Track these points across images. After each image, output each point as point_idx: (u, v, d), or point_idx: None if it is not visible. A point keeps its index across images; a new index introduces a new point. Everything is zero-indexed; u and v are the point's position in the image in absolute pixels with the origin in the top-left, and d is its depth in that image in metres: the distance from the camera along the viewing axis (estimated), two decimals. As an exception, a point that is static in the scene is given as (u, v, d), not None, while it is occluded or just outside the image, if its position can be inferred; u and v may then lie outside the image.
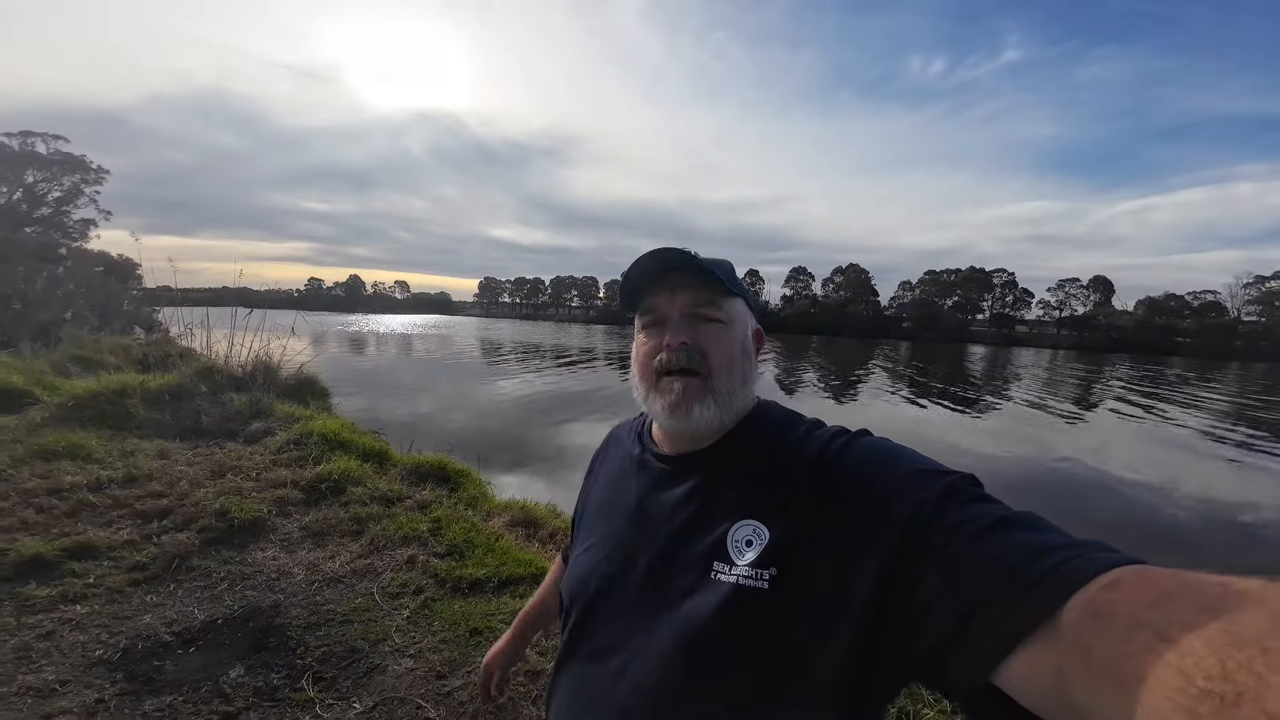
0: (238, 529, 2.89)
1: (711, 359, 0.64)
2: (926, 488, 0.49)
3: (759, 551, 0.54)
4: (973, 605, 0.40)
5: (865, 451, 0.57)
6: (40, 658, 1.85)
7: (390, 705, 1.82)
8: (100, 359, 6.83)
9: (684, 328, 0.65)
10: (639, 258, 0.66)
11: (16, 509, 2.82)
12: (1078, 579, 0.35)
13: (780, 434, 0.63)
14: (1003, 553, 0.41)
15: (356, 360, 18.55)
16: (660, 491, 0.66)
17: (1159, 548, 5.19)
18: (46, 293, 9.74)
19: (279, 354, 6.62)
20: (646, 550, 0.63)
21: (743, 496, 0.59)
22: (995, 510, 0.46)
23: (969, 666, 0.39)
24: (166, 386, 5.12)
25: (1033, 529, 0.43)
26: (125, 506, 3.00)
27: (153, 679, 1.81)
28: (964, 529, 0.44)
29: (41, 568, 2.34)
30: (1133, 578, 0.34)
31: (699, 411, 0.62)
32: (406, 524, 3.11)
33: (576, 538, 0.79)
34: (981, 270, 76.77)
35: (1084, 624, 0.33)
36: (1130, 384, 22.29)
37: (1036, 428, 11.38)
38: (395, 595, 2.47)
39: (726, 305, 0.67)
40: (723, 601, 0.54)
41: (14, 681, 1.72)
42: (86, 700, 1.69)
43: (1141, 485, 7.23)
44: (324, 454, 4.06)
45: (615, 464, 0.77)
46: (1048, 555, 0.38)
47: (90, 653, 1.90)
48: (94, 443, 3.83)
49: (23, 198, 28.84)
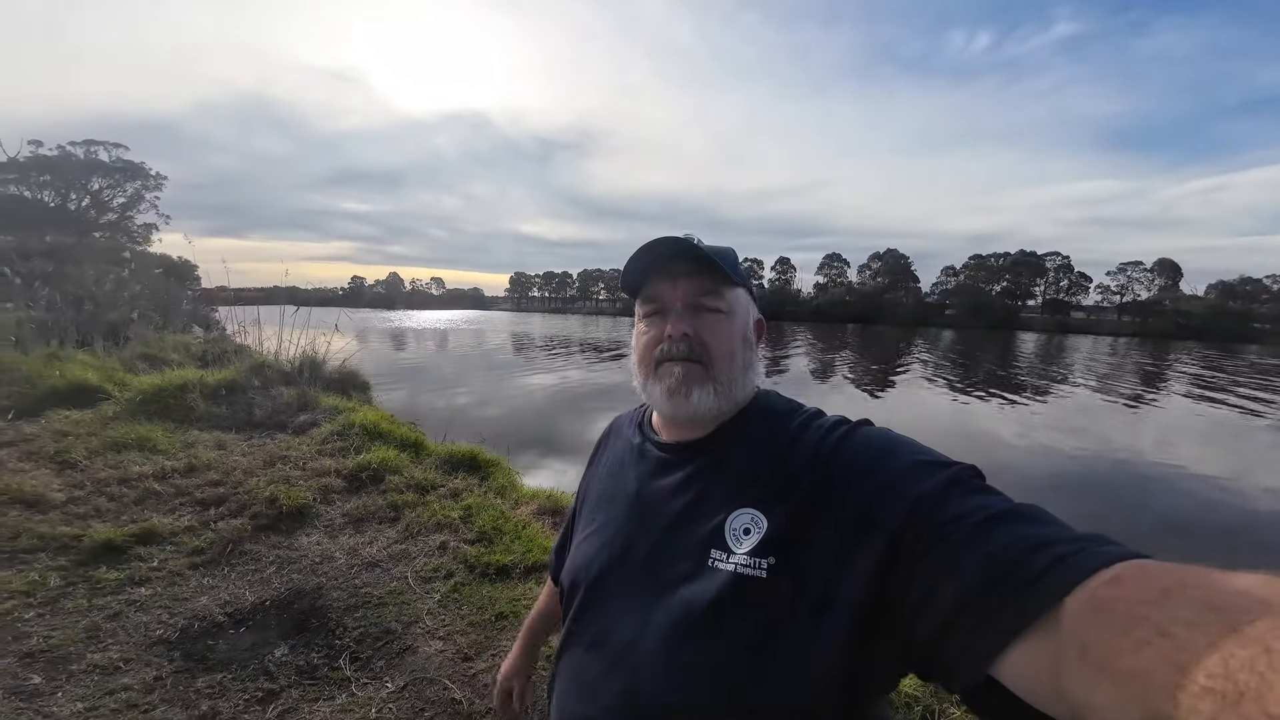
0: (286, 515, 3.07)
1: (713, 349, 0.64)
2: (927, 479, 0.49)
3: (758, 540, 0.54)
4: (972, 598, 0.39)
5: (865, 441, 0.57)
6: (107, 637, 2.01)
7: (419, 685, 1.91)
8: (164, 356, 7.33)
9: (685, 317, 0.65)
10: (641, 246, 0.66)
11: (91, 497, 3.08)
12: (1079, 573, 0.35)
13: (780, 423, 0.63)
14: (1004, 546, 0.40)
15: (396, 355, 19.22)
16: (659, 479, 0.67)
17: (1231, 548, 4.83)
18: (115, 294, 10.52)
19: (324, 349, 6.94)
20: (645, 538, 0.64)
21: (741, 485, 0.59)
22: (997, 502, 0.46)
23: (967, 660, 0.39)
24: (223, 381, 5.46)
25: (1035, 522, 0.42)
26: (186, 495, 3.23)
27: (206, 657, 1.96)
28: (965, 521, 0.44)
29: (112, 552, 2.55)
30: (1134, 572, 0.33)
31: (699, 397, 0.63)
32: (439, 511, 3.23)
33: (576, 526, 0.80)
34: (1033, 254, 72.61)
35: (1083, 619, 0.33)
36: (1202, 373, 20.70)
37: (1096, 419, 10.72)
38: (427, 579, 2.58)
39: (728, 295, 0.67)
40: (720, 589, 0.54)
41: (83, 660, 1.88)
42: (146, 678, 1.82)
43: (1213, 481, 6.72)
44: (365, 444, 4.25)
45: (616, 453, 0.78)
46: (1049, 549, 0.38)
47: (152, 632, 2.06)
48: (159, 435, 4.13)
49: (90, 204, 31.09)
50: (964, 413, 11.16)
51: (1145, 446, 8.37)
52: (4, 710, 1.64)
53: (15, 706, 1.66)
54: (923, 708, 1.82)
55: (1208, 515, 5.69)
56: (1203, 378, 18.90)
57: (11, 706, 1.66)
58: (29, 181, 29.19)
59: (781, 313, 74.66)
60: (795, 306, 79.37)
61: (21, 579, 2.28)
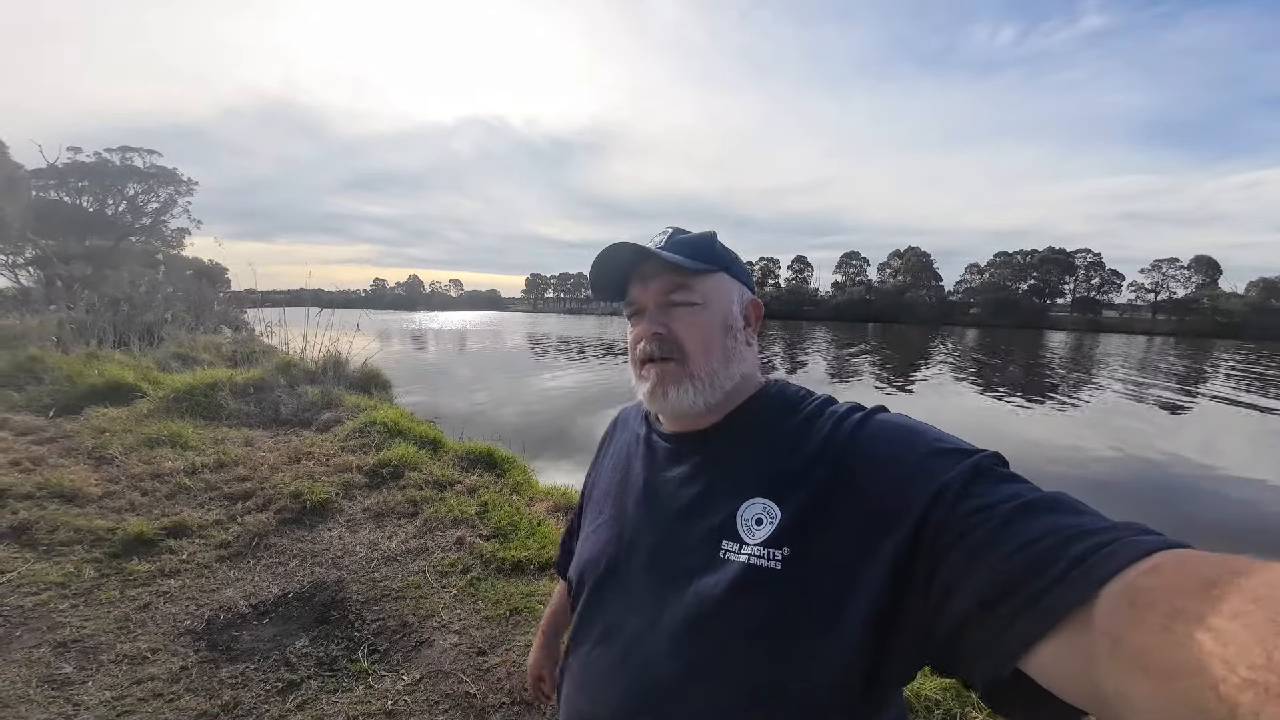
0: (309, 510, 3.15)
1: (686, 344, 0.64)
2: (949, 467, 0.47)
3: (771, 530, 0.53)
4: (1002, 592, 0.38)
5: (882, 428, 0.55)
6: (137, 628, 2.09)
7: (434, 678, 1.94)
8: (196, 356, 7.59)
9: (657, 317, 0.65)
10: (601, 252, 0.66)
11: (125, 492, 3.20)
12: (1114, 565, 0.34)
13: (791, 411, 0.62)
14: (1034, 537, 0.39)
15: (416, 356, 19.52)
16: (666, 471, 0.66)
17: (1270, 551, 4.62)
18: (149, 296, 10.93)
19: (347, 349, 7.10)
20: (654, 530, 0.63)
21: (752, 474, 0.58)
22: (1025, 490, 0.44)
23: (994, 654, 0.38)
24: (251, 380, 5.63)
25: (1066, 511, 0.41)
26: (215, 489, 3.34)
27: (230, 648, 2.02)
28: (992, 511, 0.42)
29: (144, 545, 2.65)
30: (1173, 563, 0.32)
31: (675, 396, 0.63)
32: (457, 507, 3.28)
33: (584, 519, 0.80)
34: (1062, 251, 70.29)
35: (1119, 612, 0.32)
36: (1246, 373, 19.84)
37: (1133, 421, 10.29)
38: (444, 574, 2.61)
39: (700, 285, 0.65)
40: (733, 581, 0.53)
41: (113, 649, 1.95)
42: (172, 668, 1.89)
43: (1261, 484, 6.43)
44: (385, 441, 4.34)
45: (622, 446, 0.78)
46: (1083, 539, 0.37)
47: (179, 623, 2.13)
48: (190, 431, 4.27)
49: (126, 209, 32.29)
50: (999, 415, 10.87)
51: (1185, 450, 8.01)
52: (37, 698, 1.71)
53: (48, 695, 1.73)
54: (943, 711, 1.77)
55: (1253, 516, 5.46)
56: (1244, 379, 18.10)
57: (44, 695, 1.73)
58: (68, 187, 30.45)
59: (799, 312, 73.85)
60: (813, 306, 78.48)
61: (58, 571, 2.38)
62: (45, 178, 28.74)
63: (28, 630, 2.03)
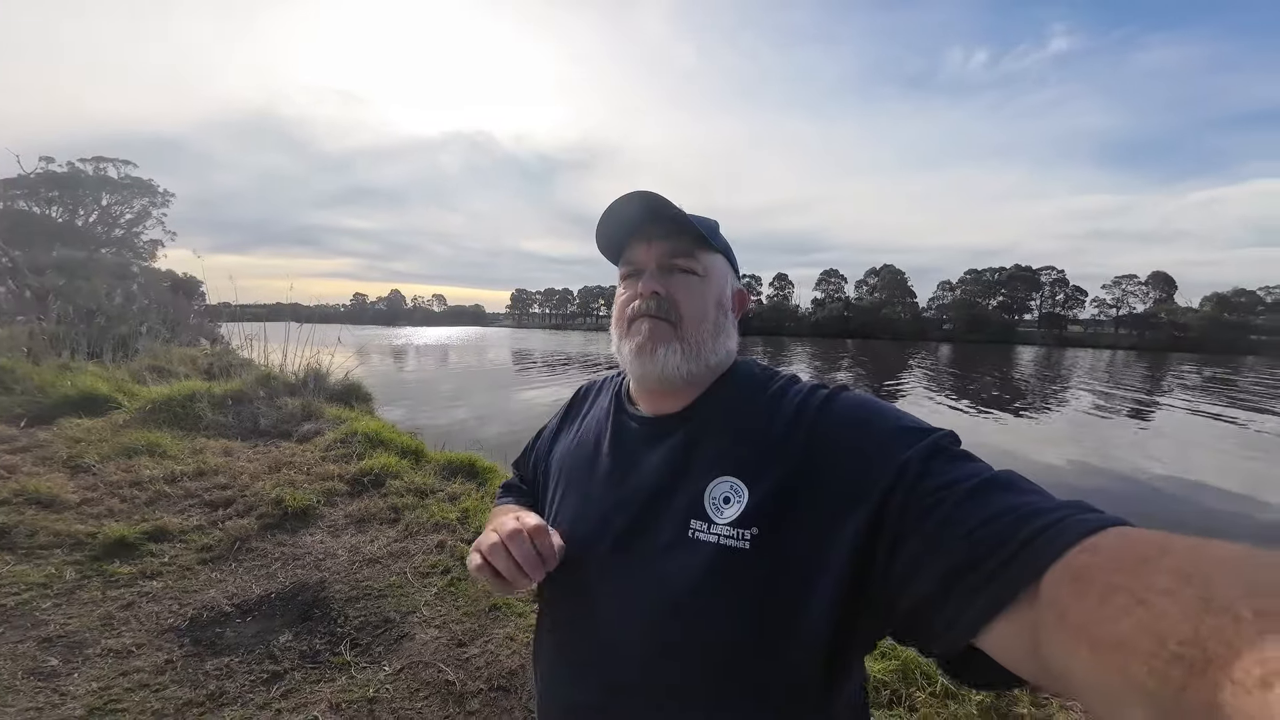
0: (291, 516, 3.18)
1: (683, 308, 0.64)
2: (910, 445, 0.49)
3: (740, 510, 0.54)
4: (958, 569, 0.40)
5: (846, 407, 0.57)
6: (120, 625, 2.13)
7: (415, 668, 2.01)
8: (171, 368, 7.49)
9: (658, 277, 0.65)
10: (611, 203, 0.65)
11: (104, 498, 3.20)
12: (1060, 544, 0.35)
13: (758, 390, 0.63)
14: (988, 516, 0.41)
15: (397, 372, 19.26)
16: (636, 451, 0.66)
17: None
18: (124, 308, 10.74)
19: (328, 363, 7.09)
20: (622, 511, 0.63)
21: (720, 453, 0.59)
22: (980, 469, 0.46)
23: (950, 630, 0.40)
24: (230, 392, 5.60)
25: (1017, 490, 0.43)
26: (195, 497, 3.35)
27: (214, 643, 2.07)
28: (951, 490, 0.44)
29: (125, 548, 2.67)
30: (1112, 540, 0.34)
31: (664, 354, 0.62)
32: (438, 513, 3.34)
33: (546, 493, 0.77)
34: (1028, 268, 73.44)
35: (1063, 587, 0.33)
36: (1202, 386, 20.77)
37: (1100, 434, 10.72)
38: (425, 574, 2.68)
39: (703, 258, 0.66)
40: (702, 561, 0.54)
41: (98, 645, 2.00)
42: (158, 661, 1.94)
43: (1225, 493, 6.73)
44: (367, 451, 4.37)
45: (591, 421, 0.76)
46: (1033, 519, 0.38)
47: (163, 621, 2.17)
48: (168, 441, 4.25)
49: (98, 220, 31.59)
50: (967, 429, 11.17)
51: (1151, 461, 8.31)
52: (24, 689, 1.75)
53: (34, 686, 1.77)
54: (890, 692, 1.91)
55: (1222, 526, 5.66)
56: (1200, 391, 18.95)
57: (31, 685, 1.77)
58: (38, 197, 29.72)
59: (781, 329, 75.08)
60: (794, 322, 79.79)
61: (39, 572, 2.40)
62: (16, 188, 28.01)
63: (10, 628, 2.05)
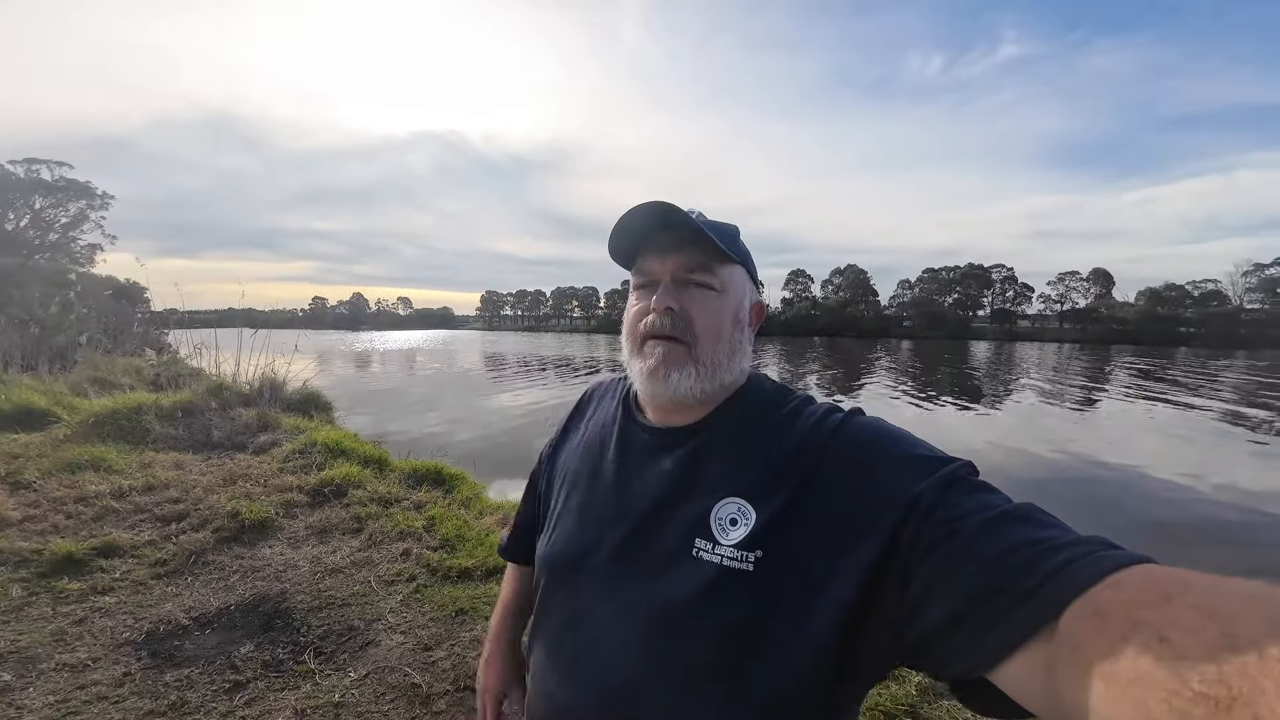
0: (248, 529, 3.14)
1: (697, 327, 0.61)
2: (925, 475, 0.48)
3: (746, 532, 0.53)
4: (974, 605, 0.39)
5: (860, 432, 0.56)
6: (74, 640, 2.10)
7: (381, 673, 2.05)
8: (115, 380, 7.14)
9: (672, 292, 0.62)
10: (627, 211, 0.62)
11: (48, 515, 3.09)
12: (1082, 581, 0.34)
13: (770, 409, 0.62)
14: (1006, 549, 0.40)
15: (361, 378, 18.63)
16: (642, 463, 0.65)
17: (1189, 543, 5.05)
18: (61, 317, 10.14)
19: (284, 372, 6.91)
20: (624, 522, 0.62)
21: (729, 473, 0.58)
22: (997, 501, 0.45)
23: (963, 663, 0.39)
24: (179, 404, 5.41)
25: (1036, 524, 0.42)
26: (146, 511, 3.27)
27: (173, 655, 2.06)
28: (966, 521, 0.43)
29: (73, 565, 2.60)
30: (1136, 577, 0.33)
31: (677, 378, 0.60)
32: (403, 522, 3.34)
33: (551, 497, 0.77)
34: (980, 266, 76.96)
35: (1082, 623, 0.33)
36: (1136, 376, 22.17)
37: (1047, 423, 11.33)
38: (390, 582, 2.70)
39: (721, 272, 0.63)
40: (704, 581, 0.53)
41: (52, 660, 1.97)
42: (115, 674, 1.93)
43: (1164, 481, 7.08)
44: (327, 461, 4.32)
45: (595, 429, 0.75)
46: (1053, 554, 0.37)
47: (118, 635, 2.15)
48: (114, 455, 4.10)
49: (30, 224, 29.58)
50: (927, 421, 11.65)
51: (1095, 449, 8.75)
52: None
53: (-14, 703, 1.74)
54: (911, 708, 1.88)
55: (1163, 509, 5.97)
56: (1135, 381, 20.32)
57: (-18, 703, 1.74)
58: (-40, 201, 27.66)
59: (753, 328, 76.52)
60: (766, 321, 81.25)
61: (-19, 592, 2.32)
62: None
63: (-47, 649, 1.99)
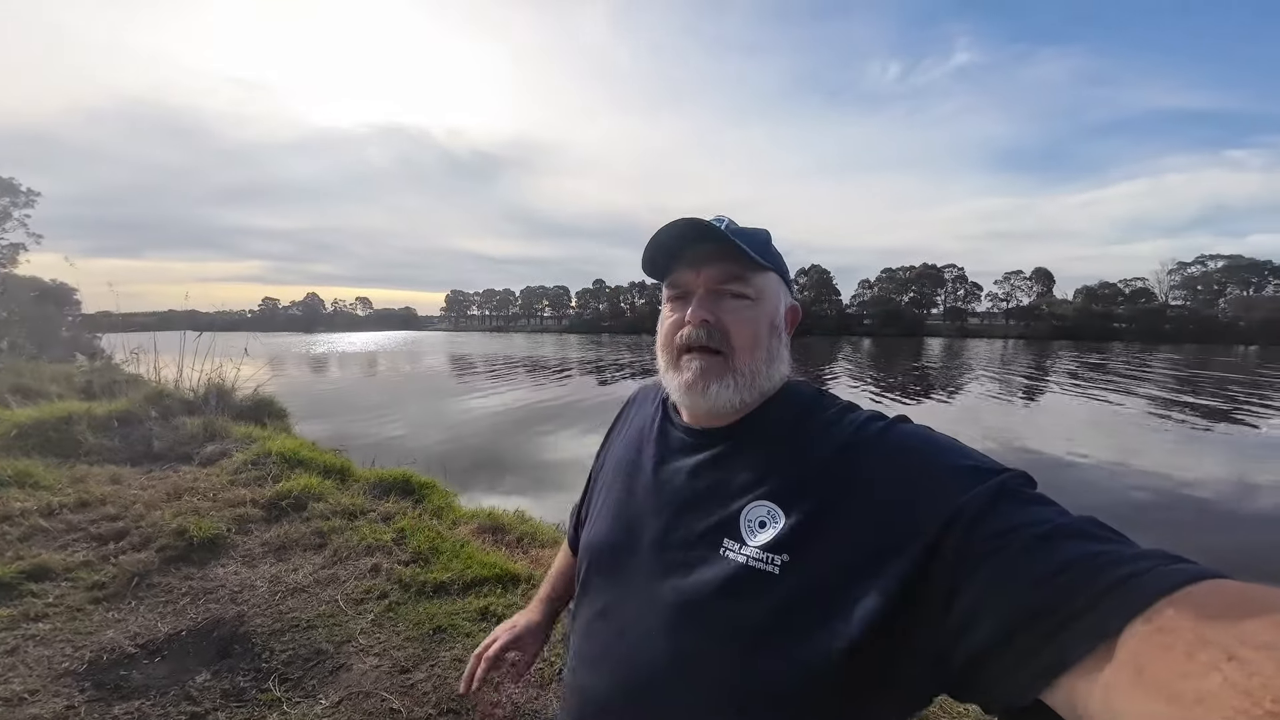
0: (197, 547, 2.91)
1: (734, 337, 0.62)
2: (972, 486, 0.46)
3: (773, 535, 0.53)
4: (1024, 620, 0.37)
5: (904, 440, 0.54)
6: (7, 671, 1.89)
7: (355, 699, 1.92)
8: (41, 388, 6.56)
9: (707, 304, 0.62)
10: (664, 226, 0.63)
11: (-36, 539, 2.78)
12: (1145, 597, 0.33)
13: (808, 415, 0.61)
14: (1061, 565, 0.38)
15: (318, 383, 17.82)
16: (677, 462, 0.66)
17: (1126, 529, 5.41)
18: (-23, 322, 9.23)
19: (233, 377, 6.49)
20: (657, 518, 0.63)
21: (761, 476, 0.58)
22: (1053, 514, 0.43)
23: (1016, 684, 0.37)
24: (115, 413, 5.00)
25: (1095, 538, 0.40)
26: (79, 530, 2.98)
27: (120, 686, 1.87)
28: (1016, 535, 0.41)
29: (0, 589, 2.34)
30: (1203, 592, 0.32)
31: (716, 390, 0.61)
32: (370, 535, 3.17)
33: (591, 498, 0.80)
34: (934, 266, 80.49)
35: (1146, 639, 0.31)
36: (1074, 369, 23.64)
37: (993, 415, 11.96)
38: (359, 601, 2.55)
39: (755, 280, 0.63)
40: (728, 579, 0.53)
41: (-17, 695, 1.76)
42: (57, 707, 1.74)
43: (1097, 466, 7.51)
44: (283, 472, 4.07)
45: (635, 428, 0.77)
46: (1113, 569, 0.36)
47: (56, 665, 1.94)
48: (40, 470, 3.74)
49: (-57, 224, 26.98)
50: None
51: (1036, 438, 9.25)
52: None
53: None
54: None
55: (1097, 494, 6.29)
56: (1073, 374, 21.65)
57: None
58: None
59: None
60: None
61: (-112, 628, 2.05)
62: None
63: None
